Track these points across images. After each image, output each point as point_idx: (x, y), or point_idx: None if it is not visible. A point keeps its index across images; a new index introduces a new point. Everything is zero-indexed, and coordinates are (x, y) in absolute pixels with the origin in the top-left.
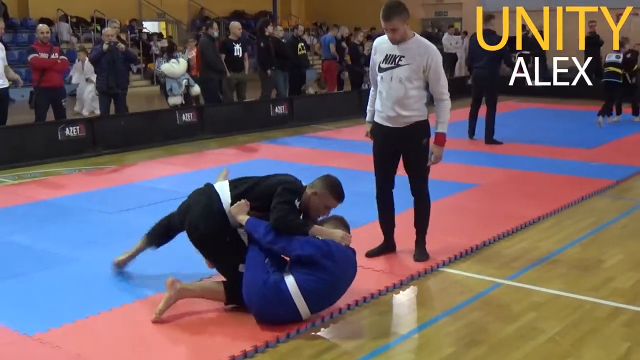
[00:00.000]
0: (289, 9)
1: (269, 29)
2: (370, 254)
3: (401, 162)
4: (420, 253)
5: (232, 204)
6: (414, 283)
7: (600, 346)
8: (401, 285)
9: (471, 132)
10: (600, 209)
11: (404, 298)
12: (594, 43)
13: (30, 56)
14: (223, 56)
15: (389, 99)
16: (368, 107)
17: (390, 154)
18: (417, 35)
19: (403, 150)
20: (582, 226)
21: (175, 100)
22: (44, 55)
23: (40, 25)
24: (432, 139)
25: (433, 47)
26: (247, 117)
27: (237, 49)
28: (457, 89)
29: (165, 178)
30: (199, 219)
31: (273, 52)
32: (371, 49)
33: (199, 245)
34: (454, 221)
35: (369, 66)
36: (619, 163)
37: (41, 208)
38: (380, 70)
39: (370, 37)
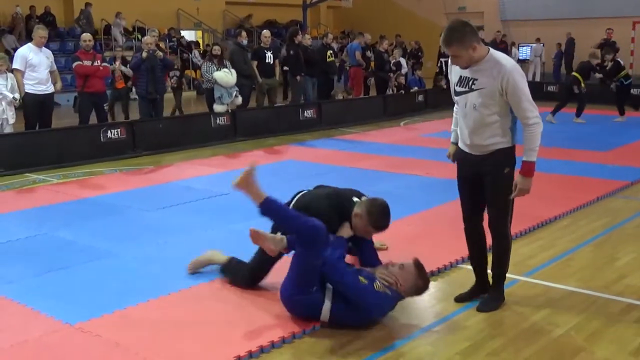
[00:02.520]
0: (318, 18)
1: (298, 37)
2: (460, 299)
3: None
4: (492, 299)
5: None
6: (434, 278)
7: (613, 341)
8: None
9: None
10: (614, 209)
11: (425, 293)
12: (610, 49)
13: (75, 63)
14: (255, 63)
15: (466, 126)
16: (452, 127)
17: (473, 181)
18: (493, 52)
19: (483, 179)
20: (596, 226)
21: (222, 108)
22: (87, 63)
23: (84, 34)
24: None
25: (510, 65)
26: (277, 121)
27: (269, 56)
28: None
29: (200, 178)
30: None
31: (302, 59)
32: (397, 57)
33: None
34: None
35: (393, 72)
36: (633, 165)
37: (84, 205)
38: (456, 94)
39: (396, 45)
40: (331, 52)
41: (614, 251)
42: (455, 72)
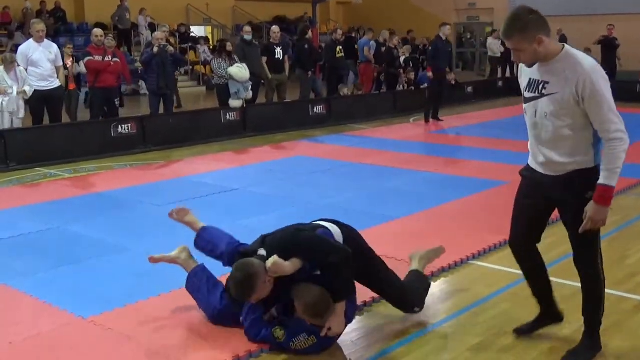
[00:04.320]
0: (328, 14)
1: (309, 33)
2: (521, 332)
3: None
4: (584, 349)
5: None
6: (445, 275)
7: (625, 338)
8: (432, 276)
9: None
10: (625, 206)
11: (436, 289)
12: (610, 46)
13: (86, 59)
14: (265, 59)
15: (536, 139)
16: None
17: (539, 206)
18: (568, 49)
19: (560, 205)
20: (607, 223)
21: (238, 103)
22: (98, 58)
23: (95, 29)
24: None
25: (589, 65)
26: (287, 117)
27: (278, 52)
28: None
29: (210, 173)
30: None
31: (312, 55)
32: (407, 53)
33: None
34: (483, 217)
35: (403, 69)
36: None
37: (95, 200)
38: (525, 101)
39: (407, 41)
40: (340, 48)
41: (625, 249)
42: (524, 75)
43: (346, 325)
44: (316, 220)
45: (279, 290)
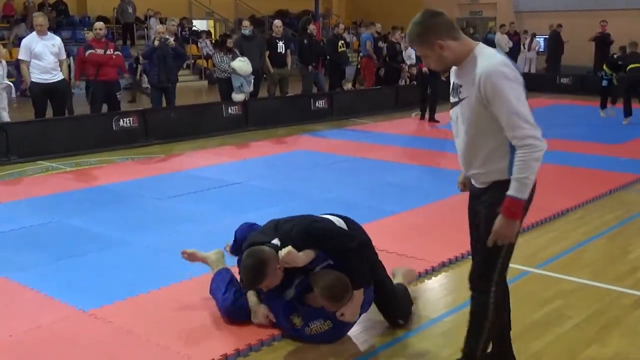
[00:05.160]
0: (330, 9)
1: (310, 27)
2: None
3: None
4: None
5: None
6: (445, 270)
7: (625, 334)
8: (433, 271)
9: None
10: (627, 202)
11: (436, 284)
12: (604, 42)
13: (87, 52)
14: (267, 53)
15: (458, 148)
16: None
17: (473, 219)
18: (477, 49)
19: (477, 216)
20: (609, 218)
21: (240, 97)
22: (99, 51)
23: (97, 22)
24: None
25: (490, 64)
26: (289, 111)
27: (281, 46)
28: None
29: (210, 167)
30: None
31: (314, 49)
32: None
33: None
34: None
35: (405, 63)
36: None
37: (96, 193)
38: (451, 106)
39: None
40: (342, 42)
41: (627, 244)
42: (451, 78)
43: (360, 315)
44: (324, 214)
45: (288, 279)
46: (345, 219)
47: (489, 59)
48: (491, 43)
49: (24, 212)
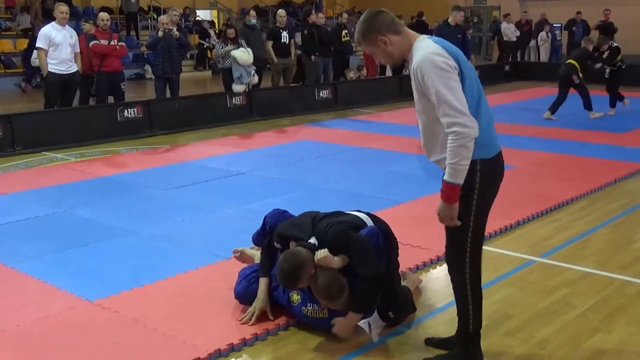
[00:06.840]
0: None
1: (312, 17)
2: (430, 343)
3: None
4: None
5: None
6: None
7: (629, 322)
8: (438, 260)
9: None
10: (632, 191)
11: (441, 273)
12: (607, 30)
13: (91, 43)
14: (270, 43)
15: (421, 137)
16: None
17: None
18: (417, 40)
19: None
20: (614, 207)
21: (241, 88)
22: (104, 42)
23: (101, 13)
24: None
25: (420, 54)
26: (293, 101)
27: (284, 36)
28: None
29: (215, 157)
30: None
31: (316, 39)
32: None
33: None
34: None
35: None
36: None
37: (101, 184)
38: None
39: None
40: (346, 31)
41: (631, 233)
42: None
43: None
44: (352, 211)
45: None
46: (370, 215)
47: (422, 50)
48: (499, 32)
49: (29, 202)
